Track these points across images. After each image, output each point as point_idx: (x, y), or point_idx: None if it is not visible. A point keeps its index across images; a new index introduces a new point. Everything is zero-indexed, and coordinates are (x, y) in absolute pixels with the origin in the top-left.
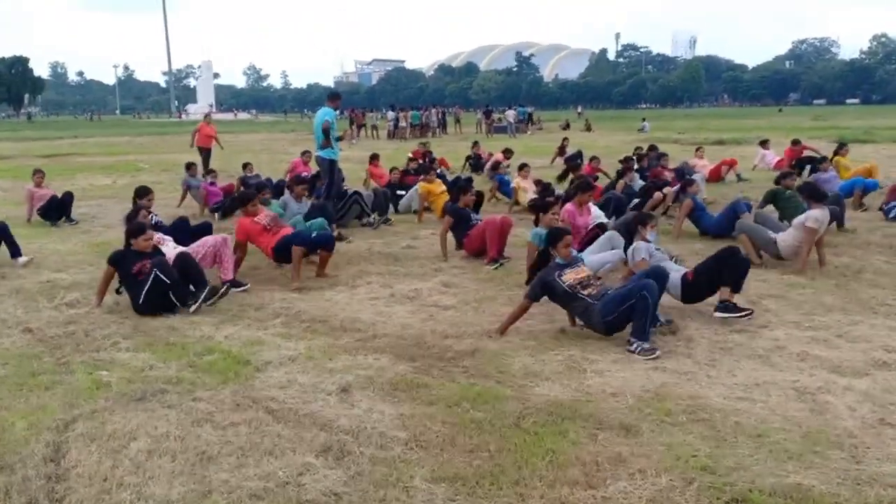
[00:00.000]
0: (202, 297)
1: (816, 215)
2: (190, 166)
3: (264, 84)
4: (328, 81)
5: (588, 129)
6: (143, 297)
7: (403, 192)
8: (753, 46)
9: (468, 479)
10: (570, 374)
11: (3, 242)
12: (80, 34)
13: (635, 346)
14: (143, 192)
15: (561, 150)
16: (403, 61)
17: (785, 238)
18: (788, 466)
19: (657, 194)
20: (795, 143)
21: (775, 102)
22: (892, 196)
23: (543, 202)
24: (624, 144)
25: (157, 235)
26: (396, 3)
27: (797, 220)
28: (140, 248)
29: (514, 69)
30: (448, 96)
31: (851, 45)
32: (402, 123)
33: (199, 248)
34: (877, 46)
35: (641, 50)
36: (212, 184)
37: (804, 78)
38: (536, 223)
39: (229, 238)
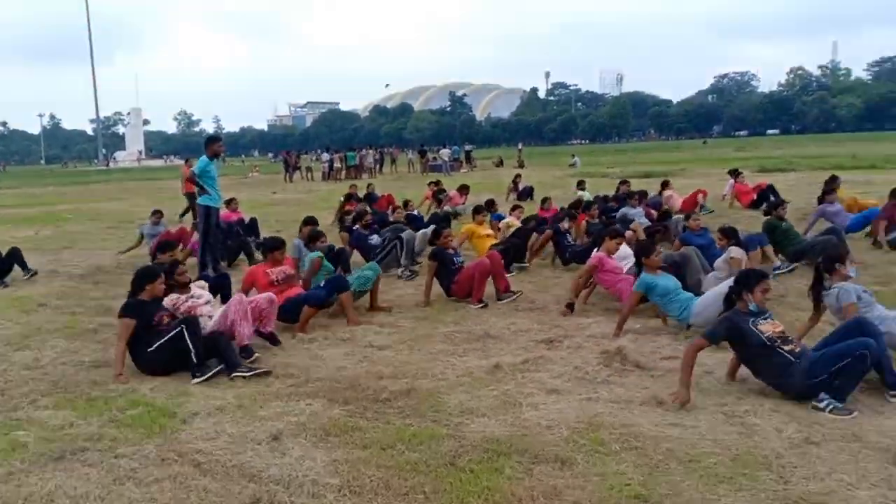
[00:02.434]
0: (238, 370)
1: (735, 251)
2: (155, 213)
3: (196, 129)
4: (262, 124)
5: (521, 165)
6: (156, 347)
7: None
8: (677, 82)
9: None
10: (506, 408)
11: None
12: (1, 84)
13: (826, 403)
14: (165, 247)
15: (514, 187)
16: (338, 103)
17: (708, 280)
18: (719, 490)
19: (628, 232)
20: (735, 173)
21: (700, 135)
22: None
23: (645, 244)
24: (556, 179)
25: (190, 303)
26: (330, 46)
27: (718, 261)
28: (154, 295)
29: (448, 109)
30: (383, 136)
31: (770, 79)
32: (337, 164)
33: (222, 320)
34: (794, 79)
35: (570, 87)
36: None
37: (726, 111)
38: (639, 267)
39: (275, 301)
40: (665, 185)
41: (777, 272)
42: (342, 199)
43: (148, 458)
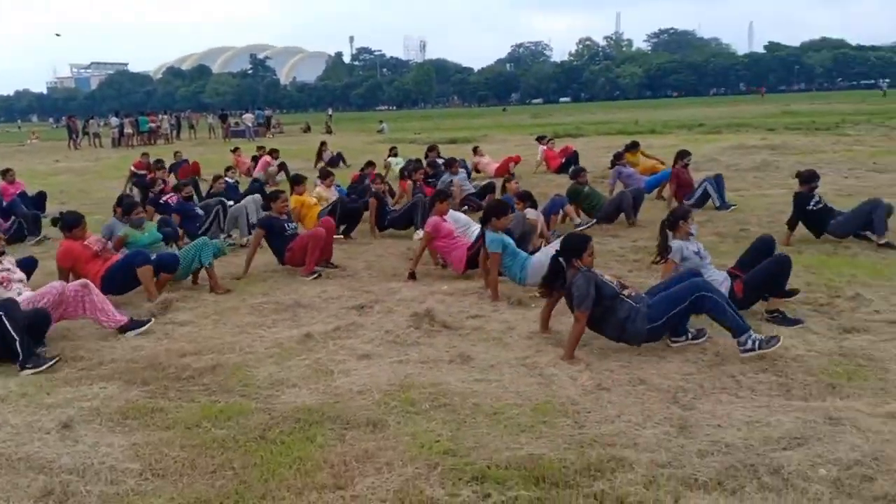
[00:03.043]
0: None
1: (531, 212)
2: None
3: None
4: (40, 87)
5: (329, 131)
6: None
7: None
8: (477, 50)
9: (211, 501)
10: (318, 377)
11: None
12: None
13: (749, 341)
14: None
15: (319, 156)
16: (126, 64)
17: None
18: (521, 439)
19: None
20: (544, 139)
21: (500, 102)
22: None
23: (496, 205)
24: (365, 145)
25: (4, 273)
26: (112, 3)
27: (514, 223)
28: None
29: (249, 72)
30: (179, 100)
31: (562, 49)
32: (129, 130)
33: (39, 300)
34: (583, 49)
35: (375, 53)
36: None
37: (523, 79)
38: (484, 226)
39: (89, 284)
40: (475, 150)
41: (579, 228)
42: (132, 168)
43: None
